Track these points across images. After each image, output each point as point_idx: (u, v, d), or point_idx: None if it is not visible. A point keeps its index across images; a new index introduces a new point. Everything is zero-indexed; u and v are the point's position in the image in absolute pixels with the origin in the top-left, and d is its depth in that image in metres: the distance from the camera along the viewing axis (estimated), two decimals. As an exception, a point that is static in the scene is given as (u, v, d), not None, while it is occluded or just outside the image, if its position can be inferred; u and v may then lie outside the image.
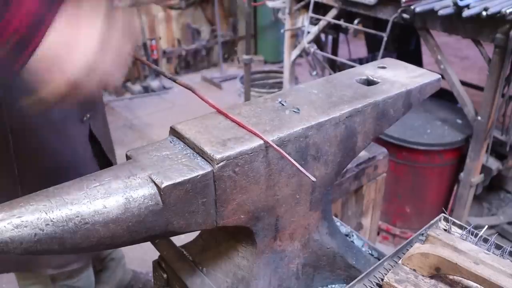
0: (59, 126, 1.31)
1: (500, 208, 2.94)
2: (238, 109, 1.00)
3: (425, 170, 2.67)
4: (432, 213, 2.53)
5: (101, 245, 0.78)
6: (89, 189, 0.77)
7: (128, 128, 4.22)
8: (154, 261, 1.21)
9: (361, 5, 2.51)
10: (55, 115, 1.28)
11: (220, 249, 1.09)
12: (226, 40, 5.43)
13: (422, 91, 1.15)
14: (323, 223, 1.13)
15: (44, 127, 1.28)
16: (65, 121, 1.32)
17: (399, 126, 2.51)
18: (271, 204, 0.97)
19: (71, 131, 1.37)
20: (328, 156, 1.01)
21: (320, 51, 3.00)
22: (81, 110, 1.39)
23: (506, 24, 1.96)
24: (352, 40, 4.18)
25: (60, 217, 0.72)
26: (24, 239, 0.69)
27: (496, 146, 2.51)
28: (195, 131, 0.91)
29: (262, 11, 5.09)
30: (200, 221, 0.87)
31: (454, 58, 5.39)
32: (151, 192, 0.79)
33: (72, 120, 1.36)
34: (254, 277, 1.03)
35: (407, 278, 0.85)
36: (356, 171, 1.84)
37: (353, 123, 1.02)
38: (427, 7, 2.14)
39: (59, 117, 1.29)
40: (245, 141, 0.87)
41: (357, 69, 1.22)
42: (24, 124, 1.23)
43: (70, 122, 1.36)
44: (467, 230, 0.98)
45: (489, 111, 2.19)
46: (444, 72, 2.28)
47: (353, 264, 1.17)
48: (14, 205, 0.72)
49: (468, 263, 0.81)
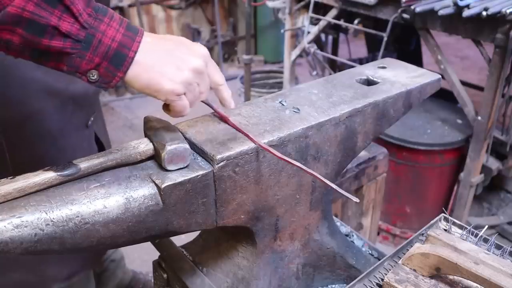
0: (58, 136, 1.28)
1: (500, 208, 2.94)
2: (238, 109, 1.00)
3: (425, 170, 2.67)
4: (432, 213, 2.53)
5: (101, 245, 0.78)
6: (89, 189, 0.77)
7: (128, 128, 4.22)
8: (154, 261, 1.21)
9: (361, 5, 2.51)
10: (53, 125, 1.26)
11: (220, 249, 1.09)
12: (226, 40, 5.42)
13: (422, 91, 1.15)
14: (323, 223, 1.13)
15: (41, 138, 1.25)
16: (65, 130, 1.29)
17: (399, 126, 2.51)
18: (271, 204, 0.97)
19: (74, 139, 1.33)
20: (328, 156, 1.01)
21: (320, 51, 3.00)
22: (86, 115, 1.37)
23: (506, 24, 1.96)
24: (352, 40, 4.18)
25: (60, 217, 0.72)
26: (24, 239, 0.69)
27: (496, 146, 2.51)
28: (195, 131, 0.91)
29: (262, 11, 5.08)
30: (200, 221, 0.87)
31: (454, 58, 5.39)
32: (151, 192, 0.79)
33: (75, 127, 1.33)
34: (254, 277, 1.03)
35: (407, 278, 0.85)
36: (356, 171, 1.84)
37: (353, 123, 1.02)
38: (427, 7, 2.14)
39: (58, 126, 1.27)
40: (245, 141, 0.87)
41: (357, 69, 1.22)
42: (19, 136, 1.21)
43: (72, 130, 1.32)
44: (467, 230, 0.98)
45: (489, 111, 2.19)
46: (444, 72, 2.28)
47: (353, 264, 1.17)
48: (14, 205, 0.72)
49: (468, 263, 0.81)
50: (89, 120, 1.38)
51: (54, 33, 0.69)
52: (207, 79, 0.84)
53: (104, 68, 0.73)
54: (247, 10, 3.29)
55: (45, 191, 0.76)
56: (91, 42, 0.71)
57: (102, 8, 0.74)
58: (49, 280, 1.43)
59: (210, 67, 0.84)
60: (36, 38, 0.68)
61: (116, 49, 0.73)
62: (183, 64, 0.79)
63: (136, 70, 0.75)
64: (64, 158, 1.25)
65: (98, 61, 0.72)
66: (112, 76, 0.74)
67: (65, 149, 1.30)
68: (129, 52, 0.74)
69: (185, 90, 0.80)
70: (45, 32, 0.68)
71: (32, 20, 0.67)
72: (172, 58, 0.78)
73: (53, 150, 1.28)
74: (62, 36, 0.69)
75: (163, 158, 0.81)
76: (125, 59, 0.74)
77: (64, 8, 0.68)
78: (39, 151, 1.25)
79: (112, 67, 0.74)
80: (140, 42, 0.75)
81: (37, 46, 0.70)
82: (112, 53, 0.73)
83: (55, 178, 0.76)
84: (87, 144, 1.41)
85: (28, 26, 0.67)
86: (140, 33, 0.76)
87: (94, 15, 0.72)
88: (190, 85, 0.80)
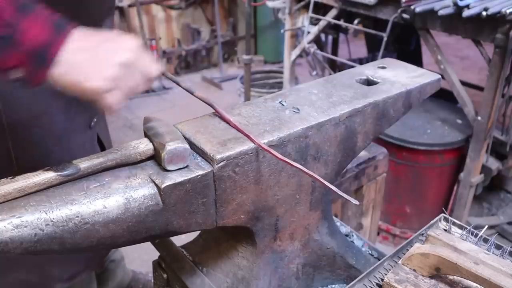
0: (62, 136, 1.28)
1: (500, 208, 2.94)
2: (238, 109, 1.00)
3: (425, 170, 2.67)
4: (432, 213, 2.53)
5: (101, 245, 0.78)
6: (89, 189, 0.77)
7: (128, 128, 4.22)
8: (154, 261, 1.21)
9: (361, 5, 2.51)
10: (58, 126, 1.25)
11: (220, 249, 1.09)
12: (226, 40, 5.42)
13: (422, 91, 1.15)
14: (323, 223, 1.13)
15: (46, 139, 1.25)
16: (68, 131, 1.29)
17: (399, 126, 2.51)
18: (271, 204, 0.97)
19: (78, 139, 1.33)
20: (328, 156, 1.01)
21: (320, 51, 3.00)
22: (89, 116, 1.37)
23: (506, 24, 1.96)
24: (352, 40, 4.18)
25: (60, 217, 0.72)
26: (24, 239, 0.69)
27: (496, 146, 2.51)
28: (195, 131, 0.91)
29: (262, 11, 5.08)
30: (200, 221, 0.87)
31: (454, 58, 5.39)
32: (151, 192, 0.79)
33: (79, 128, 1.33)
34: (254, 277, 1.03)
35: (407, 278, 0.85)
36: (356, 171, 1.84)
37: (353, 123, 1.02)
38: (427, 7, 2.14)
39: (62, 127, 1.27)
40: (245, 141, 0.87)
41: (357, 69, 1.22)
42: (25, 137, 1.21)
43: (76, 130, 1.32)
44: (467, 230, 0.98)
45: (489, 111, 2.19)
46: (444, 72, 2.28)
47: (353, 264, 1.17)
48: (14, 205, 0.72)
49: (468, 263, 0.81)
50: (92, 121, 1.38)
51: None
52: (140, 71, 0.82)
53: (26, 67, 0.71)
54: (247, 10, 3.29)
55: (45, 191, 0.76)
56: (11, 39, 0.69)
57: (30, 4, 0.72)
58: (51, 280, 1.43)
59: (142, 59, 0.82)
60: None
61: (38, 49, 0.71)
62: (108, 61, 0.77)
63: (59, 71, 0.74)
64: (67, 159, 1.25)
65: (20, 59, 0.70)
66: (34, 74, 0.73)
67: (69, 150, 1.30)
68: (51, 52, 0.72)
69: (113, 86, 0.78)
70: None
71: None
72: (97, 56, 0.77)
73: (57, 151, 1.28)
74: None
75: (163, 158, 0.81)
76: (46, 58, 0.72)
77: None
78: (44, 152, 1.25)
79: (34, 65, 0.72)
80: (63, 42, 0.73)
81: None
82: (34, 53, 0.71)
83: (55, 178, 0.76)
84: (90, 145, 1.40)
85: None
86: (65, 31, 0.74)
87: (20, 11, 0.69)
88: (118, 80, 0.78)
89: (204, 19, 5.45)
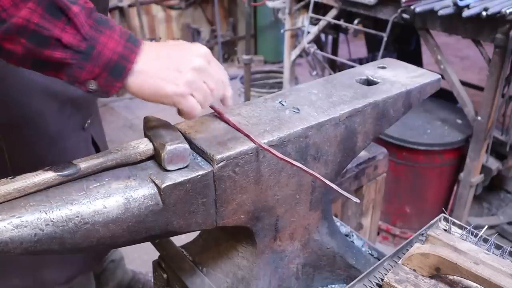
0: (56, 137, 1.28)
1: (500, 208, 2.94)
2: (238, 109, 1.00)
3: (425, 170, 2.67)
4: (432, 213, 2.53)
5: (101, 245, 0.78)
6: (89, 189, 0.77)
7: (128, 128, 4.22)
8: (154, 261, 1.21)
9: (361, 5, 2.51)
10: (52, 127, 1.26)
11: (220, 249, 1.09)
12: (226, 40, 5.42)
13: (422, 91, 1.15)
14: (323, 223, 1.13)
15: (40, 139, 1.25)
16: (63, 132, 1.30)
17: (399, 126, 2.51)
18: (271, 204, 0.97)
19: (72, 140, 1.34)
20: (328, 156, 1.01)
21: (320, 51, 3.00)
22: (82, 117, 1.38)
23: (506, 24, 1.96)
24: (352, 40, 4.18)
25: (60, 217, 0.72)
26: (24, 239, 0.69)
27: (496, 146, 2.51)
28: (195, 131, 0.91)
29: (262, 11, 5.08)
30: (200, 221, 0.87)
31: (454, 58, 5.39)
32: (151, 192, 0.79)
33: (73, 129, 1.34)
34: (254, 277, 1.03)
35: (407, 278, 0.85)
36: (356, 171, 1.84)
37: (353, 123, 1.02)
38: (427, 7, 2.14)
39: (56, 128, 1.27)
40: (245, 141, 0.87)
41: (357, 69, 1.22)
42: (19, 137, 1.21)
43: (70, 132, 1.33)
44: (467, 230, 0.98)
45: (489, 111, 2.19)
46: (444, 72, 2.28)
47: (353, 264, 1.17)
48: (14, 205, 0.72)
49: (468, 263, 0.81)
50: (86, 122, 1.39)
51: (56, 44, 0.70)
52: (213, 76, 0.85)
53: (104, 78, 0.75)
54: (247, 10, 3.28)
55: (45, 191, 0.76)
56: (91, 54, 0.72)
57: (104, 19, 0.75)
58: (48, 283, 1.42)
59: (213, 65, 0.85)
60: (39, 48, 0.70)
61: (116, 61, 0.74)
62: (184, 66, 0.80)
63: (138, 81, 0.77)
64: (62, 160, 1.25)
65: (97, 72, 0.74)
66: (111, 86, 0.76)
67: (63, 151, 1.30)
68: (128, 63, 0.75)
69: (191, 90, 0.81)
70: (48, 43, 0.70)
71: (36, 31, 0.68)
72: (172, 63, 0.80)
73: (51, 152, 1.28)
74: (63, 47, 0.70)
75: (163, 158, 0.81)
76: (123, 70, 0.75)
77: (67, 20, 0.70)
78: (38, 153, 1.26)
79: (111, 78, 0.75)
80: (138, 53, 0.77)
81: (39, 56, 0.71)
82: (112, 65, 0.74)
83: (55, 178, 0.76)
84: (84, 147, 1.41)
85: (31, 36, 0.69)
86: (139, 44, 0.78)
87: (96, 26, 0.73)
88: (195, 84, 0.81)
89: (204, 19, 5.45)
